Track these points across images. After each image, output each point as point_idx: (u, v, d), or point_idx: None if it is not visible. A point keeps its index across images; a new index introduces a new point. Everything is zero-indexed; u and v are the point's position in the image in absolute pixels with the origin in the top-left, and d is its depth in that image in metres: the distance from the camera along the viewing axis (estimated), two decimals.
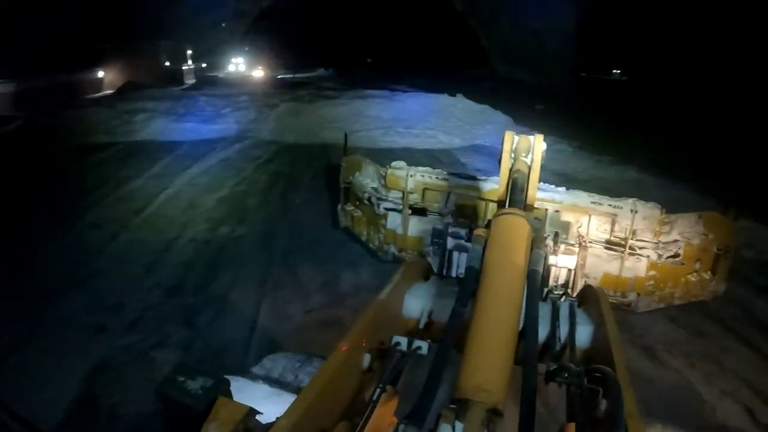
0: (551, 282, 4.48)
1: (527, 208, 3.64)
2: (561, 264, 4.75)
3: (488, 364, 2.00)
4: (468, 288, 2.61)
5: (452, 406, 1.77)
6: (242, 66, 62.73)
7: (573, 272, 4.82)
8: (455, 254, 3.95)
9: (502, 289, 2.49)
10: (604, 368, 2.07)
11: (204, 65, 64.15)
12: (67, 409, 5.98)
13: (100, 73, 50.25)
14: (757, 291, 8.92)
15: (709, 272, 7.63)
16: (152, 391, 5.36)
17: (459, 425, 1.67)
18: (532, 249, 2.97)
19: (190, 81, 49.76)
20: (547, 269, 3.40)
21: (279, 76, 47.08)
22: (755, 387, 6.57)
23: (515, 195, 3.67)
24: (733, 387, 6.57)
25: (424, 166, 14.71)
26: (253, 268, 9.49)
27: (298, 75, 45.11)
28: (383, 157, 17.01)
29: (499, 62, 47.31)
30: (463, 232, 4.08)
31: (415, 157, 17.18)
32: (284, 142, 20.02)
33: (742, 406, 6.24)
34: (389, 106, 22.21)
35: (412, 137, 19.80)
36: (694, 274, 7.66)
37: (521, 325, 2.39)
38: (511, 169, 3.92)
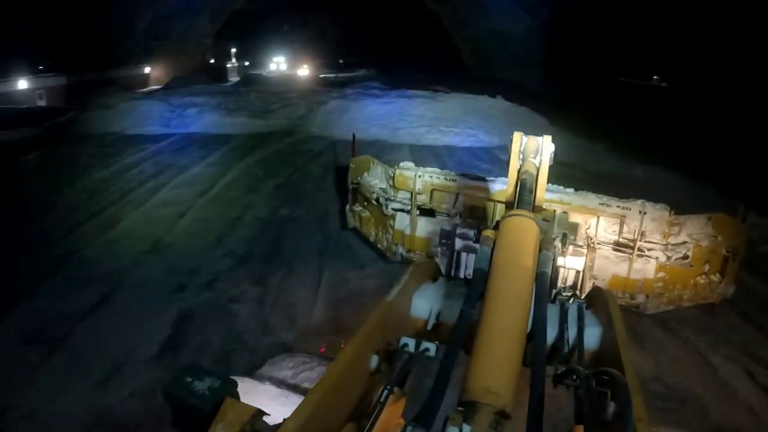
0: (559, 283, 4.46)
1: (535, 209, 3.69)
2: (569, 265, 4.82)
3: (496, 367, 2.03)
4: (476, 289, 2.60)
5: (460, 408, 1.80)
6: (283, 65, 63.47)
7: (581, 274, 4.87)
8: (463, 255, 3.98)
9: (511, 290, 2.52)
10: (613, 371, 2.08)
11: (247, 63, 65.29)
12: (159, 346, 7.05)
13: (147, 69, 51.55)
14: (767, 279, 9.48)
15: (717, 274, 7.69)
16: (232, 334, 6.41)
17: (467, 427, 1.70)
18: (540, 251, 3.01)
19: (234, 78, 50.81)
20: (555, 271, 3.42)
21: (321, 75, 47.85)
22: (756, 355, 7.28)
23: (523, 196, 3.71)
24: (736, 354, 7.29)
25: (465, 162, 15.58)
26: (312, 243, 10.46)
27: (341, 75, 45.73)
28: (427, 153, 18.01)
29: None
30: (471, 233, 4.02)
31: (456, 153, 18.11)
32: (333, 137, 20.65)
33: (743, 369, 6.98)
34: (432, 105, 22.77)
35: (454, 135, 20.46)
36: (703, 276, 7.69)
37: (529, 327, 2.41)
38: (519, 170, 3.96)
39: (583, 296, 3.63)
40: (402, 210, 8.73)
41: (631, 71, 36.97)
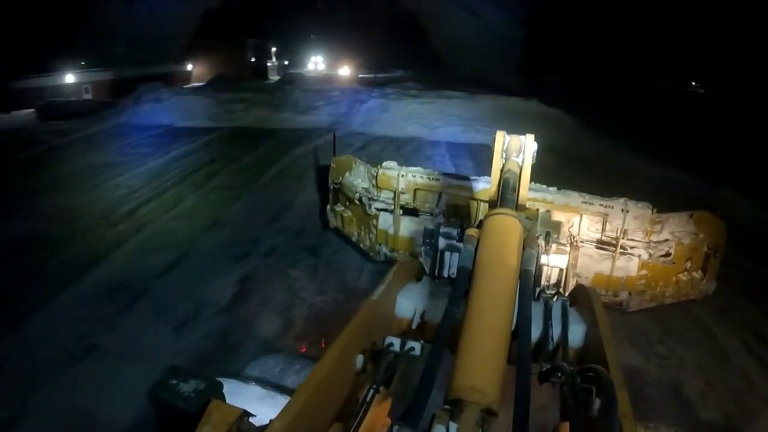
0: (543, 282, 4.35)
1: (519, 207, 3.74)
2: (552, 264, 4.55)
3: (482, 365, 2.03)
4: (460, 288, 2.62)
5: (446, 407, 1.78)
6: (321, 64, 63.72)
7: (565, 272, 4.67)
8: (447, 254, 3.80)
9: (495, 289, 2.53)
10: (598, 368, 2.08)
11: (286, 62, 65.21)
12: (229, 299, 8.17)
13: (189, 66, 53.45)
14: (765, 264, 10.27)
15: (699, 271, 7.77)
16: (291, 292, 8.42)
17: (453, 426, 1.68)
18: (524, 249, 3.01)
19: (274, 77, 52.03)
20: (539, 269, 3.45)
21: (360, 75, 48.56)
22: (755, 330, 8.08)
23: (506, 195, 3.76)
24: (736, 327, 8.11)
25: None
26: None
27: (379, 75, 46.29)
28: (463, 151, 18.97)
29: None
30: (454, 232, 3.86)
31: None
32: (373, 134, 21.60)
33: (741, 340, 7.80)
34: (469, 105, 23.69)
35: (490, 134, 20.71)
36: (685, 273, 7.76)
37: (514, 325, 2.42)
38: (502, 169, 4.04)
39: (566, 294, 3.57)
40: (385, 210, 8.66)
41: (668, 77, 36.29)
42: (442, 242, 3.86)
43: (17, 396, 5.91)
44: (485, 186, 7.05)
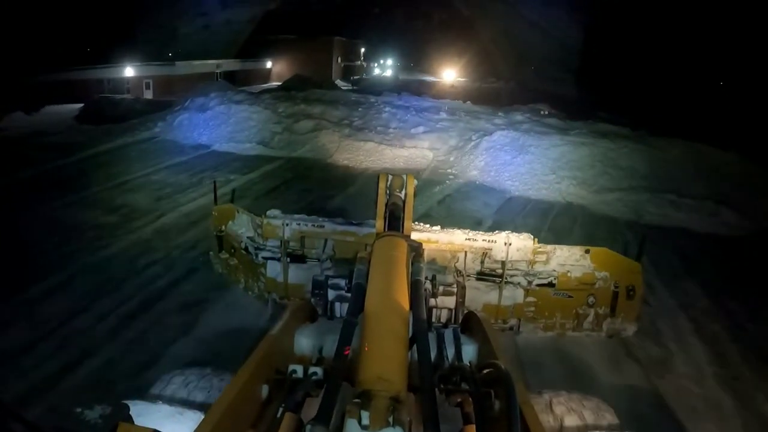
0: (434, 321, 4.65)
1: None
2: (441, 305, 4.87)
3: (385, 357, 2.20)
4: (357, 301, 2.87)
5: (356, 400, 1.84)
6: (389, 70, 65.11)
7: (454, 311, 4.99)
8: (337, 305, 4.13)
9: (389, 295, 2.76)
10: (495, 362, 2.30)
11: (375, 64, 67.74)
12: None
13: (269, 64, 53.57)
14: None
15: (604, 307, 7.48)
16: None
17: (365, 413, 1.72)
18: (412, 264, 3.42)
19: (361, 77, 53.12)
20: (428, 311, 3.95)
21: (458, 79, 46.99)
22: None
23: (392, 223, 4.31)
24: None
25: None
26: None
27: (484, 85, 42.96)
28: (663, 246, 12.03)
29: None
30: (343, 282, 4.14)
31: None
32: (508, 193, 14.24)
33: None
34: (644, 155, 15.08)
35: (708, 219, 14.00)
36: (585, 307, 7.51)
37: (411, 332, 2.56)
38: (386, 204, 4.59)
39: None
40: (273, 258, 8.05)
41: None
42: (331, 294, 4.41)
43: None
44: (370, 230, 6.70)
